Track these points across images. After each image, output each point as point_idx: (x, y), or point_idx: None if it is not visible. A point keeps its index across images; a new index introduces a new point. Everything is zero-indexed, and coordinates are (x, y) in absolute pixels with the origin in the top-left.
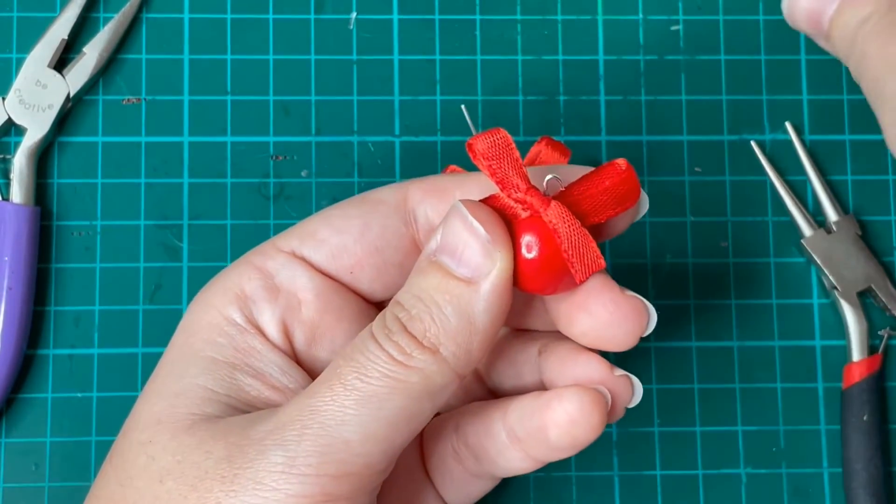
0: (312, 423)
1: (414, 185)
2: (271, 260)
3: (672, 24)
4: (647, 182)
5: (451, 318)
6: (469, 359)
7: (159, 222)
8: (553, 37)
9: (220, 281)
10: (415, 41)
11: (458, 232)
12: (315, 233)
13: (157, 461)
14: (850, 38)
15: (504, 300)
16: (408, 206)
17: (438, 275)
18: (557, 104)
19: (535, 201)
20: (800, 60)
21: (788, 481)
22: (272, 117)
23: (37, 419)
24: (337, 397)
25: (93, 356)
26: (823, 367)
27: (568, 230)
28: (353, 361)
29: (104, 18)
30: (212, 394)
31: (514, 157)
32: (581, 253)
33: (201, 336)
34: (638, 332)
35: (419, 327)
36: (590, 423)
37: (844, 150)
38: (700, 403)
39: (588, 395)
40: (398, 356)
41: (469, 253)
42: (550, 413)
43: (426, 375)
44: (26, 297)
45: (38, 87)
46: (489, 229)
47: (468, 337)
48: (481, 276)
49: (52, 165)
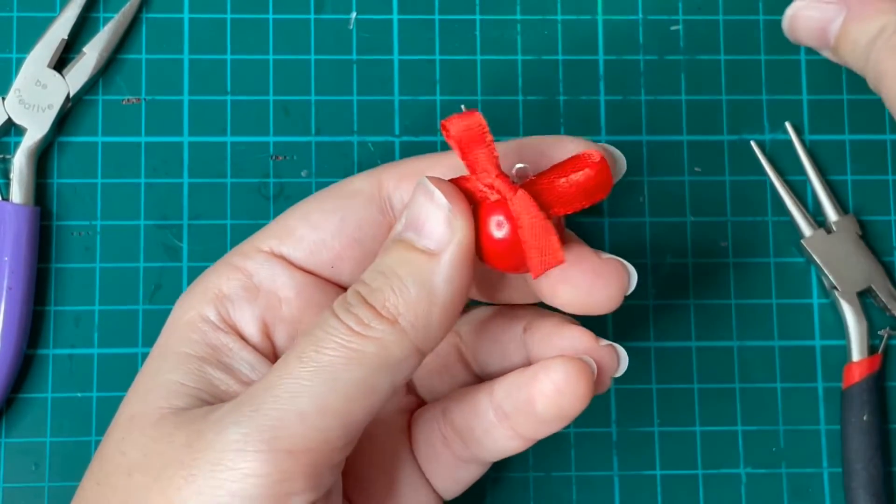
0: (267, 398)
1: (387, 172)
2: (250, 260)
3: (672, 24)
4: (647, 182)
5: (412, 289)
6: (428, 331)
7: (159, 222)
8: (553, 37)
9: (200, 282)
10: (415, 41)
11: (421, 204)
12: (293, 231)
13: (126, 456)
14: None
15: (465, 272)
16: (382, 194)
17: (401, 249)
18: (557, 104)
19: (503, 187)
20: (800, 60)
21: (788, 481)
22: (272, 117)
23: (37, 419)
24: (292, 370)
25: (93, 356)
26: (823, 367)
27: (530, 221)
28: (310, 336)
29: (104, 18)
30: (181, 387)
31: (487, 140)
32: (541, 246)
33: (177, 335)
34: (620, 293)
35: (379, 298)
36: (576, 392)
37: (844, 150)
38: (700, 403)
39: (574, 365)
40: (356, 326)
41: (431, 224)
42: (537, 384)
43: (384, 346)
44: (26, 297)
45: (37, 87)
46: (451, 200)
47: (428, 308)
48: (442, 246)
49: (51, 165)
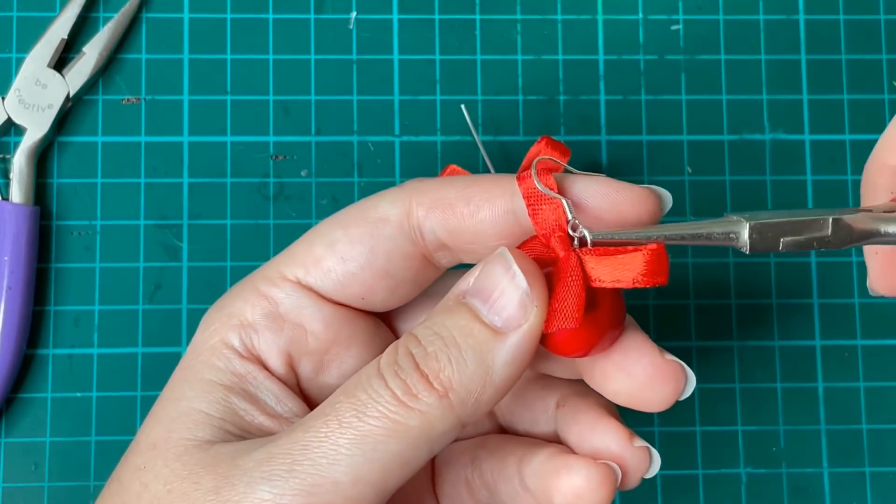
0: (303, 460)
1: (417, 197)
2: (276, 288)
3: (672, 24)
4: (648, 182)
5: (469, 363)
6: (476, 409)
7: (159, 222)
8: (553, 37)
9: (225, 305)
10: (415, 41)
11: (496, 277)
12: (319, 260)
13: (149, 489)
14: None
15: (528, 357)
16: (412, 222)
17: (466, 316)
18: (557, 104)
19: (558, 246)
20: (800, 60)
21: (788, 481)
22: (272, 117)
23: (37, 419)
24: (331, 434)
25: (92, 356)
26: (823, 367)
27: (565, 280)
28: (353, 398)
29: (104, 18)
30: (206, 417)
31: (555, 202)
32: (563, 303)
33: (201, 359)
34: (675, 396)
35: (433, 366)
36: (594, 499)
37: (844, 150)
38: (700, 403)
39: (597, 472)
40: (403, 396)
41: (504, 301)
42: (557, 481)
43: (428, 420)
44: (26, 296)
45: (37, 87)
46: (531, 281)
47: (482, 386)
48: (510, 327)
49: (51, 165)
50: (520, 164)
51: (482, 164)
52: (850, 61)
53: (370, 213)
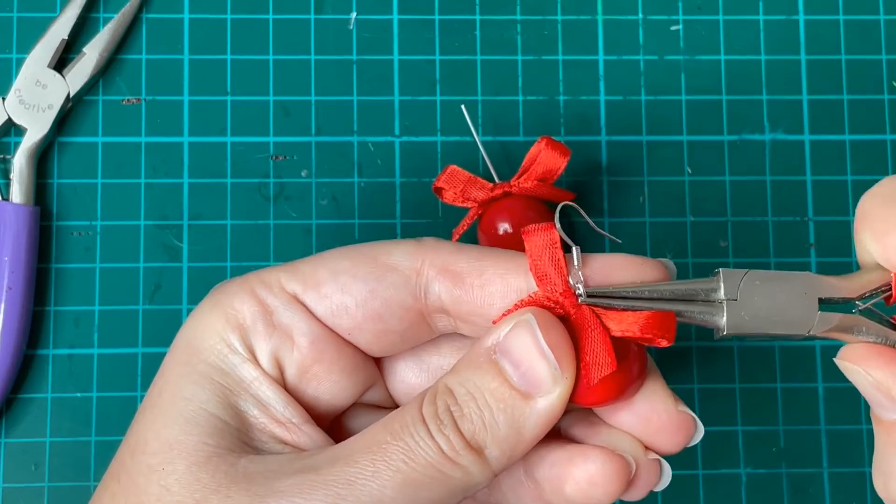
0: (347, 496)
1: (431, 256)
2: (273, 296)
3: (672, 24)
4: (648, 182)
5: (502, 427)
6: (510, 462)
7: (159, 222)
8: (553, 37)
9: (222, 302)
10: (415, 41)
11: (526, 348)
12: (319, 285)
13: (172, 494)
14: None
15: (557, 417)
16: (420, 280)
17: (497, 379)
18: (557, 104)
19: (567, 304)
20: (800, 60)
21: (788, 481)
22: (272, 117)
23: (37, 419)
24: (379, 475)
25: (92, 356)
26: (823, 367)
27: (590, 333)
28: (401, 441)
29: (104, 18)
30: (224, 424)
31: (557, 257)
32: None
33: (205, 358)
34: (683, 445)
35: (469, 428)
36: (608, 489)
37: (844, 150)
38: (700, 403)
39: (613, 461)
40: (448, 451)
41: (533, 372)
42: (572, 468)
43: (468, 473)
44: (26, 297)
45: (38, 87)
46: (559, 354)
47: (514, 445)
48: (540, 394)
49: (51, 165)
50: (520, 164)
51: (482, 164)
52: (850, 61)
53: (382, 257)
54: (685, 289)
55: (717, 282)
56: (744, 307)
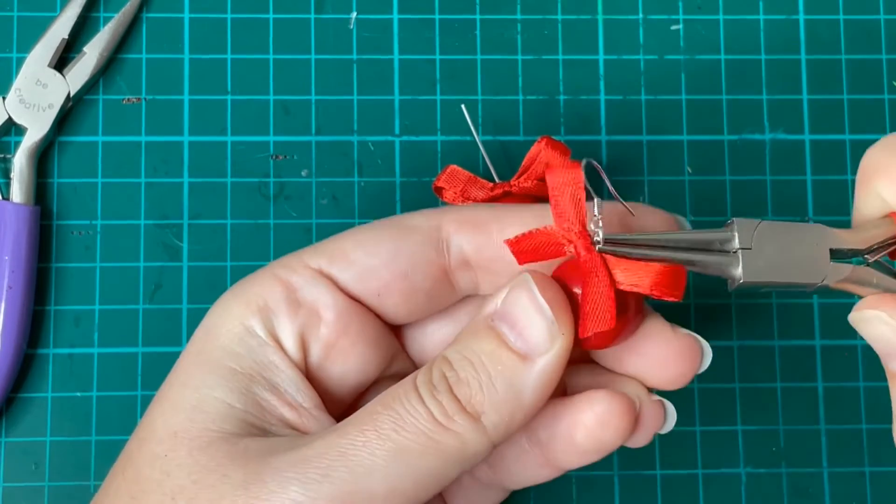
0: (339, 466)
1: (449, 216)
2: (296, 274)
3: (672, 24)
4: (648, 182)
5: (499, 390)
6: (508, 431)
7: (159, 222)
8: (553, 37)
9: (242, 289)
10: (415, 41)
11: (523, 306)
12: (346, 253)
13: (171, 478)
14: None
15: (556, 379)
16: (441, 235)
17: (494, 342)
18: (557, 104)
19: (581, 245)
20: (800, 60)
21: (788, 481)
22: (272, 117)
23: (37, 419)
24: (369, 444)
25: (93, 356)
26: (823, 367)
27: (594, 282)
28: (391, 410)
29: (104, 18)
30: (229, 409)
31: (579, 196)
32: (596, 308)
33: (219, 344)
34: (692, 371)
35: (465, 392)
36: (618, 427)
37: (844, 150)
38: (700, 403)
39: (619, 400)
40: (439, 416)
41: (530, 330)
42: (580, 414)
43: (463, 441)
44: (26, 296)
45: (38, 87)
46: (556, 311)
47: (512, 410)
48: (538, 353)
49: (52, 165)
50: (520, 164)
51: (482, 163)
52: (850, 61)
53: (402, 221)
54: (700, 238)
55: (732, 231)
56: (759, 256)
